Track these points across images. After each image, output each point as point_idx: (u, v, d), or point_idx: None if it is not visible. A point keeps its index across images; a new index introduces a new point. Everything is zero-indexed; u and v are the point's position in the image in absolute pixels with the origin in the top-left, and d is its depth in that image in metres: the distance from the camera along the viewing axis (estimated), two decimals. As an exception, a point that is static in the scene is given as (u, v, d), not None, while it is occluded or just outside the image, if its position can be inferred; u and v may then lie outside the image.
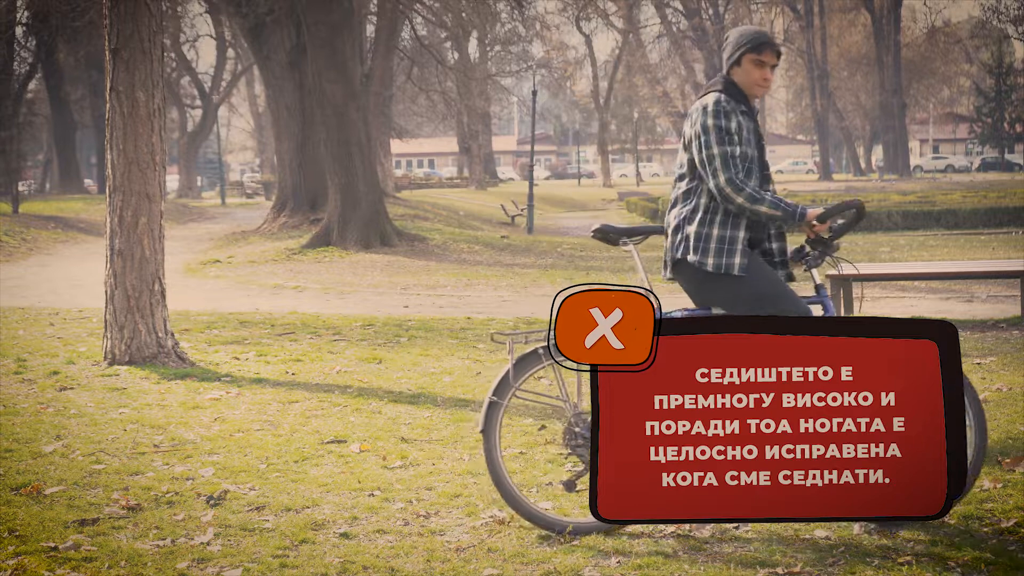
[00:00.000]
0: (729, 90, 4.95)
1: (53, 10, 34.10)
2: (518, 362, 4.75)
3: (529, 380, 4.81)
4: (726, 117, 4.82)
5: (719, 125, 4.81)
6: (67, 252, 24.18)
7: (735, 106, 4.88)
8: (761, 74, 4.96)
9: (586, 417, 4.75)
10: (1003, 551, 4.30)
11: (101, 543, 4.61)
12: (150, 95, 9.17)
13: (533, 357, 4.76)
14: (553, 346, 4.67)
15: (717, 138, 4.80)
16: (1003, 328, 10.24)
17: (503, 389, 4.75)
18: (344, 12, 22.59)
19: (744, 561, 4.29)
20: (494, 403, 4.74)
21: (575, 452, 4.77)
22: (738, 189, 4.76)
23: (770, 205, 4.75)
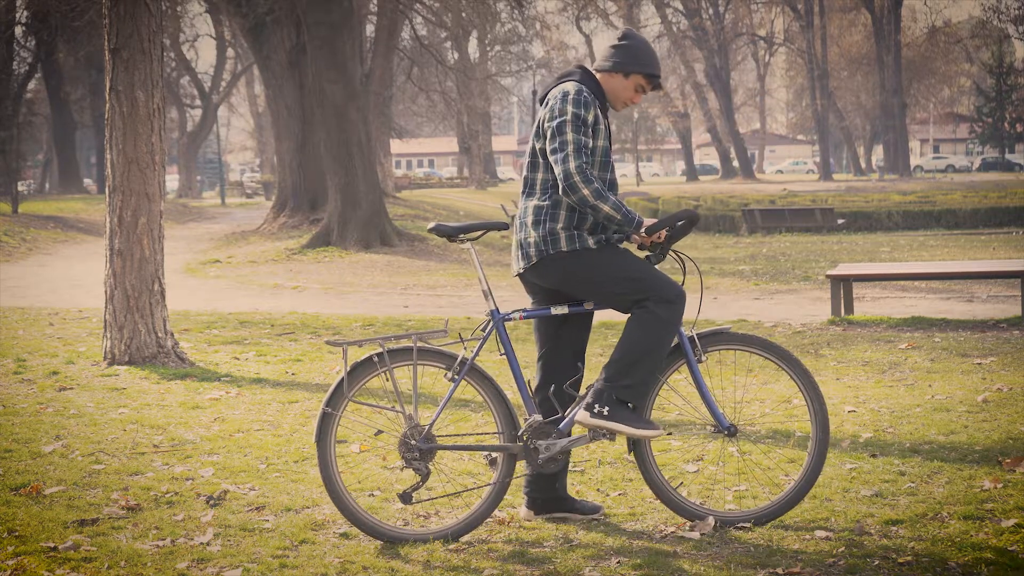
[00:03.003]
0: (589, 83, 4.83)
1: (53, 10, 34.11)
2: (352, 370, 4.65)
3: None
4: (586, 107, 4.69)
5: (578, 114, 4.67)
6: (67, 252, 24.19)
7: (595, 100, 4.76)
8: (637, 97, 4.91)
9: (422, 428, 4.67)
10: (1003, 551, 4.30)
11: (101, 543, 4.61)
12: (150, 95, 9.17)
13: (368, 364, 4.66)
14: (389, 352, 4.64)
15: (574, 126, 4.65)
16: (1003, 328, 10.24)
17: (337, 399, 4.66)
18: (344, 12, 22.59)
19: (744, 561, 4.29)
20: (327, 414, 4.66)
21: (410, 464, 4.68)
22: (587, 180, 4.59)
23: (612, 206, 4.61)
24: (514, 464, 4.74)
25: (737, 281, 15.80)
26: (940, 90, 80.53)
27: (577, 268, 4.74)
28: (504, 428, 4.73)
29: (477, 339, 4.77)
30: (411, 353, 4.68)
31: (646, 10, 70.32)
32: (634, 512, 4.93)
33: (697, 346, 4.77)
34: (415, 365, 4.69)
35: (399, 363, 4.68)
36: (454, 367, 4.69)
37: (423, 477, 4.70)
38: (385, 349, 4.66)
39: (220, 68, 57.71)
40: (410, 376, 4.72)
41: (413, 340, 4.68)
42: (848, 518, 4.73)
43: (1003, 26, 72.30)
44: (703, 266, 18.57)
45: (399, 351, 4.68)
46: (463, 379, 4.69)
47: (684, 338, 4.77)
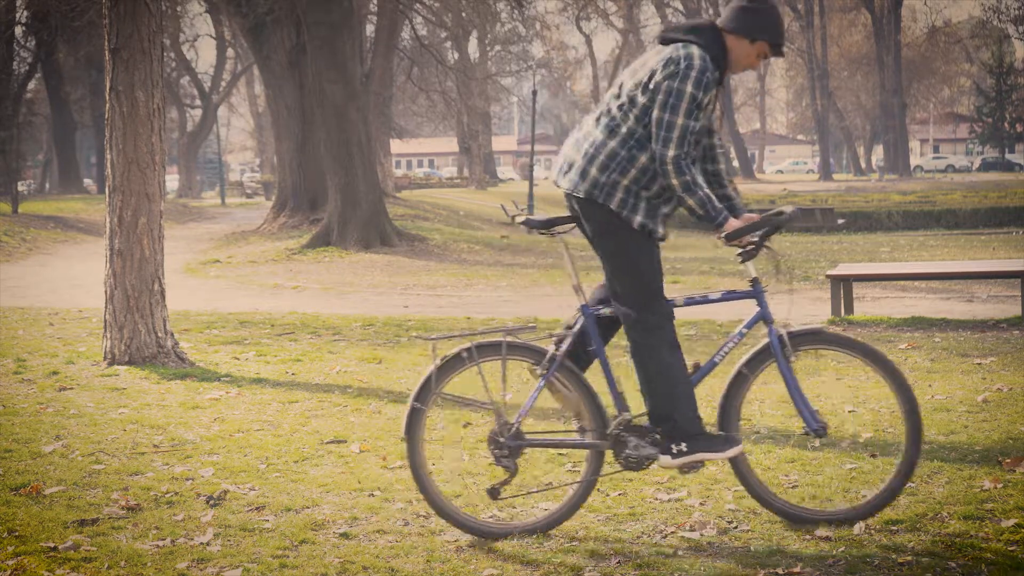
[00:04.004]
0: (714, 50, 4.57)
1: (53, 10, 34.12)
2: (441, 365, 4.64)
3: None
4: (706, 89, 4.48)
5: (695, 95, 4.46)
6: (67, 252, 24.19)
7: (715, 72, 4.54)
8: (757, 62, 4.71)
9: (511, 426, 4.67)
10: (1003, 551, 4.30)
11: (101, 543, 4.61)
12: (150, 95, 9.16)
13: (457, 359, 4.65)
14: (478, 347, 4.63)
15: (687, 109, 4.46)
16: (1003, 328, 10.24)
17: (425, 393, 4.66)
18: (344, 12, 22.59)
19: (744, 561, 4.29)
20: (416, 408, 4.65)
21: (499, 462, 4.67)
22: (680, 172, 4.46)
23: (698, 202, 4.48)
24: (601, 461, 4.69)
25: (737, 281, 15.80)
26: (940, 90, 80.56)
27: (608, 231, 4.61)
28: (593, 425, 4.67)
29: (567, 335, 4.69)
30: (500, 348, 4.64)
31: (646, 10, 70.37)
32: (634, 512, 4.93)
33: (787, 345, 4.65)
34: (504, 360, 4.65)
35: (488, 358, 4.65)
36: (543, 363, 4.65)
37: (511, 474, 4.67)
38: (474, 344, 4.63)
39: (220, 68, 57.72)
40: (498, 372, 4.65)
41: (503, 335, 4.65)
42: (848, 518, 4.73)
43: (1003, 26, 72.33)
44: (703, 266, 18.57)
45: (488, 346, 4.64)
46: (552, 375, 4.64)
47: (774, 336, 4.65)
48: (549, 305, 13.74)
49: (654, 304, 4.60)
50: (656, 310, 4.59)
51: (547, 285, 16.42)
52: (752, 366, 4.70)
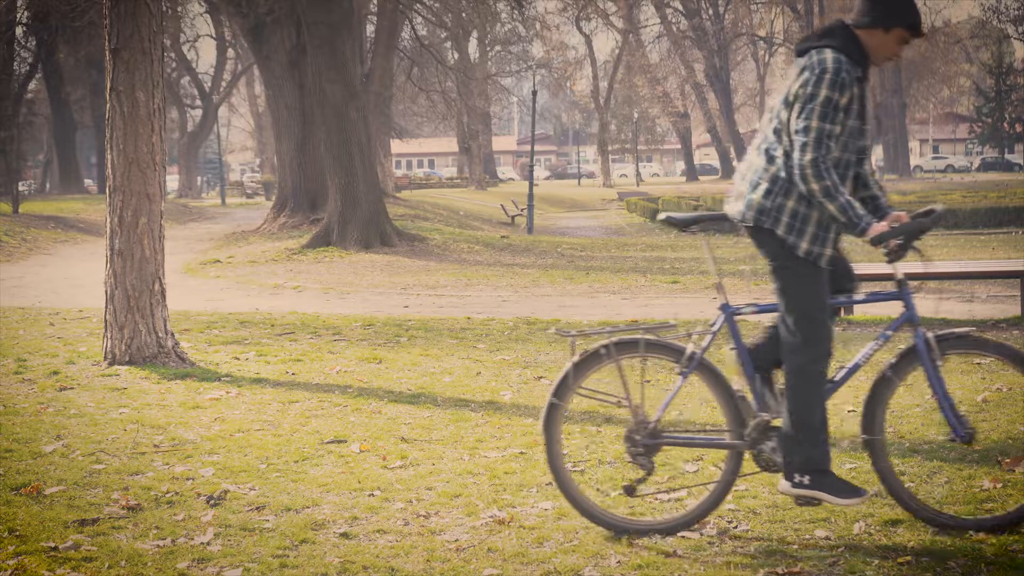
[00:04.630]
0: (851, 50, 4.45)
1: (53, 10, 34.13)
2: (580, 361, 4.61)
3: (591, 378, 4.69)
4: (841, 89, 4.37)
5: (830, 98, 4.36)
6: (67, 252, 24.19)
7: (853, 73, 4.42)
8: (900, 50, 4.54)
9: (648, 424, 4.64)
10: (1003, 551, 4.30)
11: (101, 543, 4.61)
12: (150, 95, 9.17)
13: (595, 356, 4.62)
14: (616, 345, 4.60)
15: (821, 112, 4.36)
16: (1003, 328, 10.23)
17: (563, 390, 4.64)
18: (344, 12, 22.59)
19: (744, 561, 4.29)
20: (554, 404, 4.64)
21: (635, 460, 4.65)
22: (818, 176, 4.34)
23: (839, 208, 4.36)
24: (740, 462, 4.64)
25: (737, 281, 15.80)
26: (940, 90, 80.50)
27: (777, 262, 4.53)
28: (732, 425, 4.62)
29: (707, 333, 4.65)
30: (638, 346, 4.61)
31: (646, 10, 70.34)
32: (634, 512, 4.93)
33: (934, 348, 4.58)
34: (643, 358, 4.63)
35: (626, 355, 4.62)
36: (682, 361, 4.60)
37: (647, 472, 4.65)
38: (612, 341, 4.62)
39: (220, 68, 57.75)
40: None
41: (641, 333, 4.63)
42: (848, 518, 4.73)
43: (1003, 26, 72.33)
44: (703, 266, 18.57)
45: (627, 344, 4.61)
46: (691, 374, 4.61)
47: (921, 339, 4.57)
48: (549, 305, 13.74)
49: (816, 336, 4.48)
50: (817, 343, 4.48)
51: (547, 285, 16.42)
52: (898, 369, 4.61)
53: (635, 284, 16.11)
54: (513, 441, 6.31)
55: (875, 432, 4.59)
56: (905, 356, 4.62)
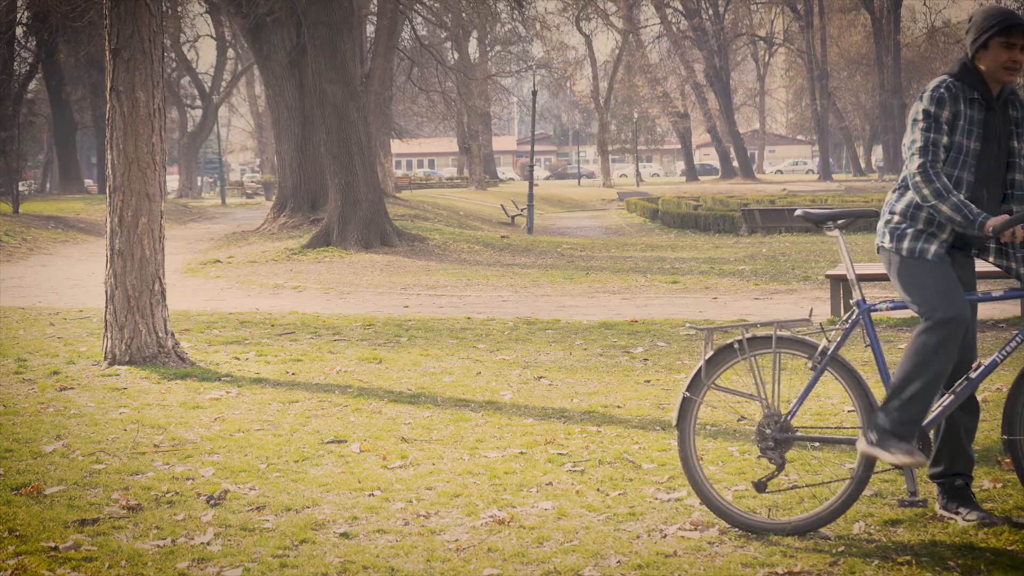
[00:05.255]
0: (964, 74, 4.68)
1: (53, 10, 34.10)
2: (713, 356, 4.61)
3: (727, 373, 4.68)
4: (939, 104, 4.60)
5: (928, 111, 4.61)
6: (67, 252, 24.19)
7: (961, 92, 4.63)
8: (1010, 56, 4.61)
9: (778, 418, 4.62)
10: (1003, 551, 4.30)
11: (101, 543, 4.61)
12: (150, 95, 9.17)
13: (728, 351, 4.61)
14: (749, 340, 4.58)
15: (924, 124, 4.61)
16: (1003, 328, 10.24)
17: (696, 385, 4.63)
18: (344, 12, 22.60)
19: (744, 561, 4.29)
20: (687, 399, 4.63)
21: (765, 454, 4.63)
22: (928, 180, 4.54)
23: (952, 207, 4.48)
24: (874, 461, 4.57)
25: (737, 281, 15.81)
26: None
27: (891, 270, 4.69)
28: (864, 422, 4.58)
29: (840, 329, 4.64)
30: (771, 341, 4.59)
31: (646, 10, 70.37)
32: (634, 512, 4.93)
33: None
34: (776, 354, 4.60)
35: (759, 351, 4.60)
36: (815, 357, 4.59)
37: (778, 467, 4.63)
38: (745, 337, 4.60)
39: (220, 68, 57.75)
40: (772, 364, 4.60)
41: (774, 328, 4.61)
42: (848, 518, 4.73)
43: (1003, 26, 72.21)
44: (703, 266, 18.57)
45: (760, 339, 4.60)
46: (825, 370, 4.59)
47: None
48: (549, 305, 13.74)
49: (942, 305, 4.51)
50: (945, 309, 4.50)
51: (547, 285, 16.42)
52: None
53: (635, 284, 16.11)
54: (513, 441, 6.31)
55: (1016, 432, 4.52)
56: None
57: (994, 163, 4.72)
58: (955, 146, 4.64)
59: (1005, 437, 4.54)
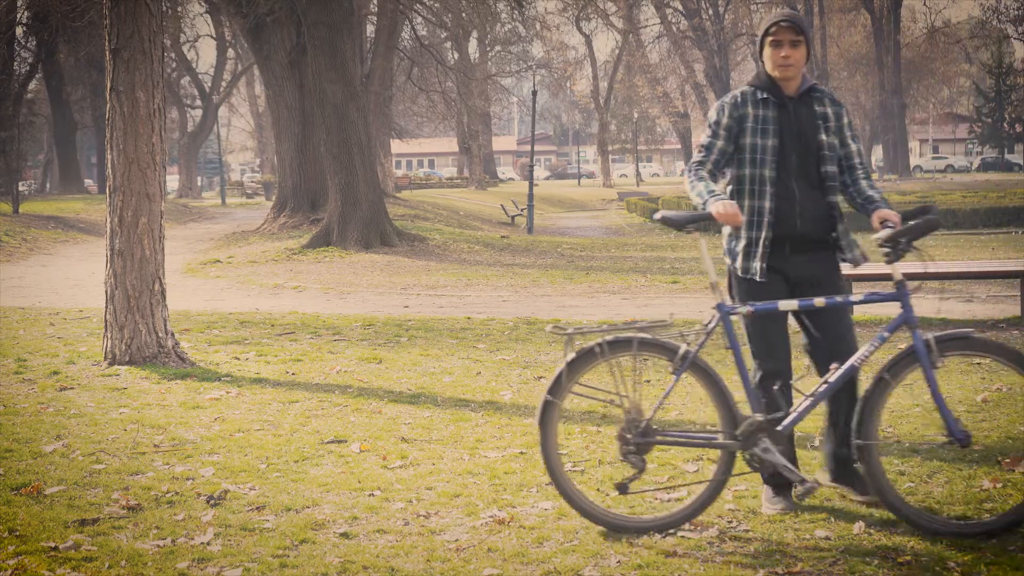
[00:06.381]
0: (756, 79, 4.99)
1: (53, 10, 34.08)
2: (575, 359, 4.64)
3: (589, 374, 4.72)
4: (719, 112, 4.94)
5: (710, 120, 4.96)
6: (67, 252, 24.19)
7: (750, 98, 4.91)
8: (777, 53, 4.86)
9: (640, 423, 4.65)
10: (1003, 551, 4.31)
11: (101, 543, 4.61)
12: (150, 95, 9.17)
13: (589, 354, 4.65)
14: (610, 343, 4.62)
15: (705, 131, 4.96)
16: (1003, 328, 10.24)
17: (557, 387, 4.67)
18: (344, 12, 22.59)
19: (744, 561, 4.29)
20: (549, 402, 4.67)
21: (626, 457, 4.67)
22: (688, 171, 4.90)
23: (696, 195, 4.81)
24: (732, 462, 4.66)
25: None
26: (939, 90, 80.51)
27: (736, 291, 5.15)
28: (724, 425, 4.65)
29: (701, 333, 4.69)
30: (632, 344, 4.63)
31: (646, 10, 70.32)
32: (634, 512, 4.93)
33: (933, 350, 4.59)
34: (636, 357, 4.64)
35: (620, 354, 4.63)
36: (676, 360, 4.63)
37: (639, 470, 4.67)
38: (606, 340, 4.63)
39: (220, 68, 57.73)
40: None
41: (635, 332, 4.64)
42: (848, 518, 4.74)
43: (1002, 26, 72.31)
44: (702, 266, 18.58)
45: (621, 342, 4.63)
46: (685, 373, 4.64)
47: (920, 341, 4.58)
48: (549, 305, 13.74)
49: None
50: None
51: (547, 285, 16.42)
52: (895, 371, 4.59)
53: (635, 284, 16.11)
54: (513, 441, 6.31)
55: (869, 437, 4.56)
56: (903, 358, 4.60)
57: (800, 158, 4.88)
58: (751, 146, 4.86)
59: (858, 442, 4.58)
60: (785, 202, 4.85)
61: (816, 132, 4.89)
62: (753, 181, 4.86)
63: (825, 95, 4.97)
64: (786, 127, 4.86)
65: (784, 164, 4.86)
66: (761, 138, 4.84)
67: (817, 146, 4.89)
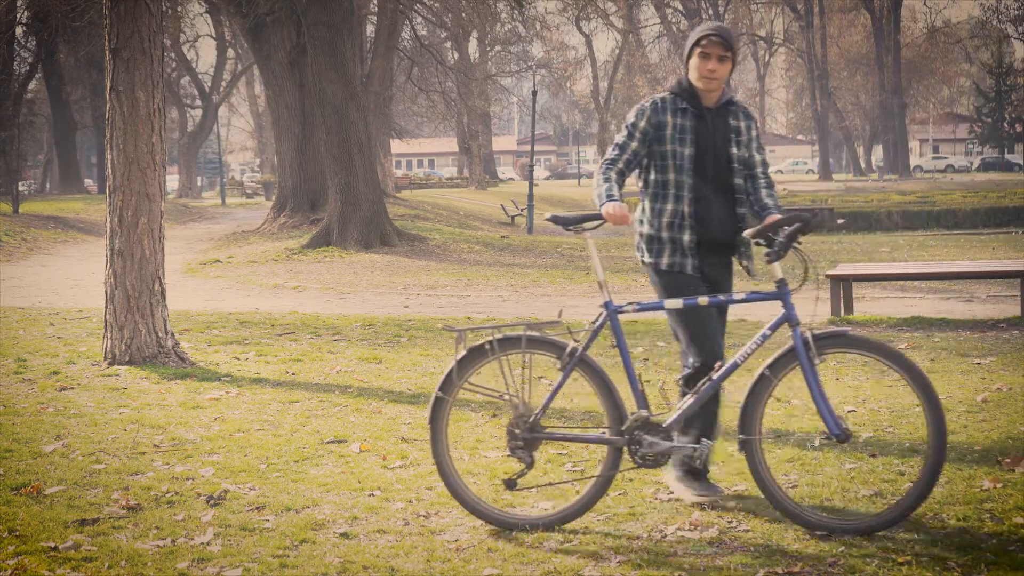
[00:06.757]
0: (677, 88, 5.11)
1: (53, 10, 34.08)
2: (465, 357, 4.73)
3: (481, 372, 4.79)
4: (638, 116, 5.08)
5: (627, 122, 5.10)
6: (67, 252, 24.19)
7: (670, 105, 5.05)
8: (704, 66, 5.01)
9: (528, 418, 4.73)
10: (1003, 551, 4.30)
11: (101, 543, 4.61)
12: (150, 95, 9.17)
13: (479, 351, 4.73)
14: (500, 341, 4.69)
15: (622, 131, 5.10)
16: (1003, 328, 10.24)
17: (448, 384, 4.75)
18: (344, 12, 22.59)
19: (744, 561, 4.29)
20: (440, 399, 4.75)
21: (515, 453, 4.74)
22: (599, 168, 5.02)
23: (595, 195, 4.94)
24: (619, 458, 4.73)
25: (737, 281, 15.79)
26: (940, 90, 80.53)
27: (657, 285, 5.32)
28: (611, 421, 4.72)
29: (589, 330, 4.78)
30: (521, 342, 4.69)
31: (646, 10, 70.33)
32: (634, 512, 4.93)
33: (812, 348, 4.64)
34: (524, 354, 4.69)
35: (509, 351, 4.70)
36: (564, 357, 4.70)
37: (527, 466, 4.73)
38: (495, 338, 4.69)
39: (220, 68, 57.72)
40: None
41: (523, 329, 4.70)
42: (848, 518, 4.73)
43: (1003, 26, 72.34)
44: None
45: (510, 340, 4.70)
46: (574, 370, 4.70)
47: (799, 339, 4.64)
48: (548, 305, 13.74)
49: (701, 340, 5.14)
50: None
51: (547, 285, 16.42)
52: (776, 369, 4.67)
53: (635, 284, 16.11)
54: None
55: (752, 432, 4.65)
56: (783, 356, 4.69)
57: (714, 166, 5.07)
58: (671, 153, 5.04)
59: (741, 437, 4.66)
60: (703, 207, 5.05)
61: (728, 144, 5.09)
62: (672, 186, 5.05)
63: (740, 109, 5.16)
64: (703, 137, 5.05)
65: (701, 172, 5.05)
66: (680, 146, 5.03)
67: (728, 158, 5.10)
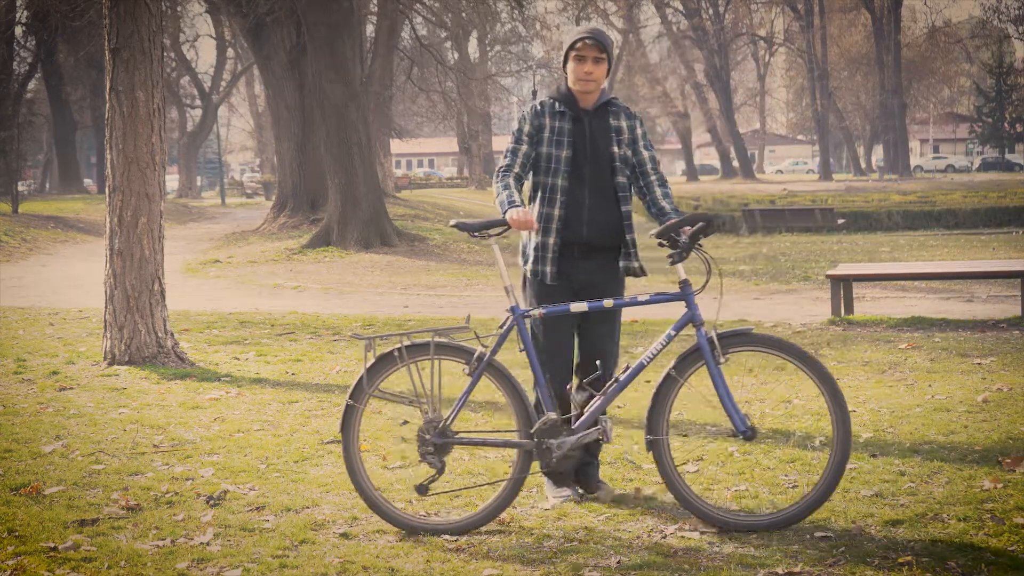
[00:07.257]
0: (557, 92, 5.19)
1: (53, 10, 34.08)
2: (374, 364, 4.75)
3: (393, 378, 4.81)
4: (523, 120, 5.15)
5: (513, 126, 5.18)
6: (67, 252, 24.18)
7: (549, 109, 5.10)
8: (580, 68, 5.08)
9: (437, 423, 4.75)
10: (1003, 551, 4.30)
11: (101, 543, 4.61)
12: (150, 95, 9.17)
13: (388, 359, 4.74)
14: (408, 348, 4.70)
15: (510, 137, 5.14)
16: (1003, 328, 10.24)
17: (358, 392, 4.77)
18: (344, 12, 22.58)
19: (744, 561, 4.29)
20: (350, 406, 4.77)
21: (425, 459, 4.76)
22: (495, 177, 5.03)
23: (497, 202, 4.95)
24: (529, 462, 4.75)
25: (737, 281, 15.80)
26: (940, 90, 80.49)
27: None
28: (520, 425, 4.75)
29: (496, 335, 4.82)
30: (429, 348, 4.72)
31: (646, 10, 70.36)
32: (634, 512, 4.93)
33: (717, 347, 4.68)
34: (433, 360, 4.71)
35: (418, 358, 4.72)
36: (472, 362, 4.73)
37: (438, 471, 4.75)
38: (404, 344, 4.70)
39: (220, 68, 57.71)
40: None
41: (432, 336, 4.72)
42: (848, 518, 4.73)
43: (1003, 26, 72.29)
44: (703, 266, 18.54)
45: (418, 346, 4.72)
46: (482, 375, 4.73)
47: (703, 339, 4.68)
48: (549, 305, 13.72)
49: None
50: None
51: (547, 285, 16.40)
52: (681, 369, 4.72)
53: (635, 284, 16.10)
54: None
55: (659, 432, 4.69)
56: (688, 356, 4.72)
57: (592, 168, 5.08)
58: (546, 156, 5.07)
59: (649, 437, 4.69)
60: (574, 210, 5.06)
61: (609, 144, 5.10)
62: (546, 189, 5.06)
63: (620, 109, 5.18)
64: (579, 139, 5.07)
65: (577, 174, 5.06)
66: (556, 149, 5.05)
67: (609, 158, 5.10)
